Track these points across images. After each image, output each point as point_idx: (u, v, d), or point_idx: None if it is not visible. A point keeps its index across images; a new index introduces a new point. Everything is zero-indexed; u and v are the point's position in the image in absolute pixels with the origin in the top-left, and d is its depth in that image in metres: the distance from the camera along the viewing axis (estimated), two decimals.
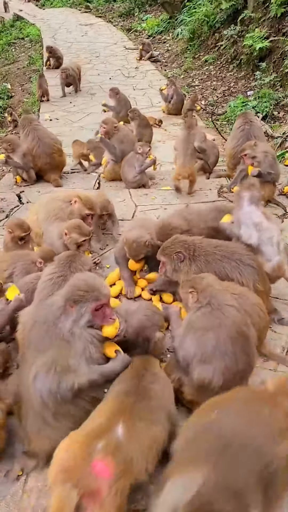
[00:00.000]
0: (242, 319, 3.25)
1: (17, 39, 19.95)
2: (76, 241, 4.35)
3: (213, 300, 3.25)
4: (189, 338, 3.23)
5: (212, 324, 3.17)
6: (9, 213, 6.44)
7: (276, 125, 10.40)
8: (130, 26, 21.29)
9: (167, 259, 4.09)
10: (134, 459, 2.54)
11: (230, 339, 3.11)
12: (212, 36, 15.35)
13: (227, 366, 3.08)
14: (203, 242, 4.20)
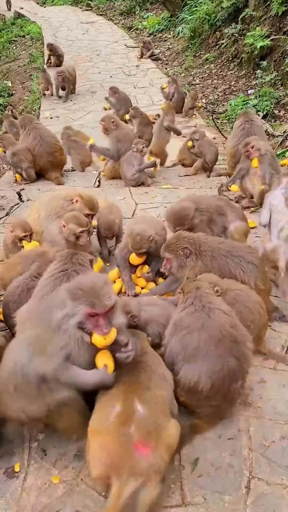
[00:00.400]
0: (229, 321, 3.23)
1: (18, 37, 19.91)
2: (74, 232, 4.37)
3: (197, 302, 3.30)
4: (174, 337, 3.30)
5: (195, 325, 3.21)
6: (9, 210, 6.43)
7: (276, 123, 10.37)
8: (131, 24, 21.26)
9: (173, 256, 4.10)
10: (158, 425, 2.70)
11: (213, 340, 3.12)
12: (213, 34, 15.31)
13: (212, 368, 3.08)
14: (208, 238, 4.23)
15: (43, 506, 2.83)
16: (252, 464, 3.04)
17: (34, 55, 17.09)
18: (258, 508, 2.78)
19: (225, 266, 4.02)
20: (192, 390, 3.14)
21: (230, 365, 3.10)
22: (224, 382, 3.10)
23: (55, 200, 5.20)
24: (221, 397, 3.14)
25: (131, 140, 7.40)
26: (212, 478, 2.96)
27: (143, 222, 4.83)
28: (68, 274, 3.46)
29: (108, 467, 2.56)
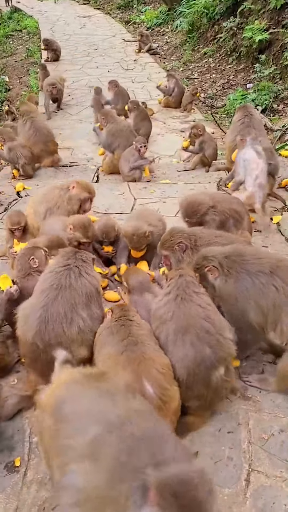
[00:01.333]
0: (200, 313, 3.24)
1: (15, 31, 19.78)
2: (78, 240, 4.36)
3: (174, 291, 3.37)
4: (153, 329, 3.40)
5: (166, 315, 3.30)
6: (8, 206, 6.42)
7: (275, 118, 10.36)
8: (128, 18, 21.14)
9: (169, 252, 4.11)
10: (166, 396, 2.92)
11: (181, 330, 3.17)
12: (211, 28, 15.24)
13: (184, 356, 3.11)
14: (204, 232, 4.23)
15: (43, 500, 2.83)
16: (251, 457, 3.05)
17: (31, 49, 16.99)
18: (257, 501, 2.80)
19: None
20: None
21: (204, 353, 3.10)
22: (200, 369, 3.09)
23: (52, 191, 5.20)
24: (202, 385, 3.12)
25: (126, 136, 7.40)
26: (211, 471, 2.96)
27: (136, 218, 4.84)
28: (70, 269, 3.46)
29: None
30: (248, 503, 2.79)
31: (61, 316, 3.30)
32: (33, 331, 3.28)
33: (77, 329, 3.33)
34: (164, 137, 10.29)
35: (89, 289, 3.46)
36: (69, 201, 5.06)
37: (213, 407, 3.29)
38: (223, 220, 4.68)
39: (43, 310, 3.30)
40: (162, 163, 8.37)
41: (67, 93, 13.13)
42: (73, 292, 3.38)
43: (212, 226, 4.61)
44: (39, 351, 3.29)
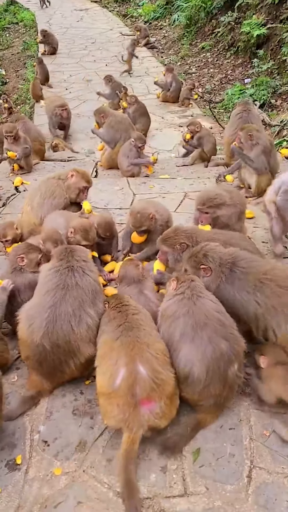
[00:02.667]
0: (214, 307, 3.25)
1: (11, 24, 19.64)
2: (78, 243, 4.33)
3: (187, 291, 3.33)
4: (162, 328, 3.34)
5: (180, 311, 3.25)
6: (6, 201, 6.37)
7: (273, 113, 10.33)
8: (126, 12, 21.04)
9: (169, 249, 4.11)
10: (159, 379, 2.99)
11: (199, 325, 3.13)
12: (209, 22, 15.18)
13: (203, 352, 3.07)
14: (203, 231, 4.24)
15: (45, 498, 2.83)
16: (253, 453, 3.05)
17: (28, 42, 16.85)
18: (259, 497, 2.80)
19: None
20: (189, 380, 3.12)
21: (222, 347, 3.08)
22: (219, 366, 3.07)
23: (49, 181, 5.16)
24: (220, 383, 3.10)
25: (126, 128, 7.37)
26: (213, 467, 2.97)
27: (146, 202, 4.94)
28: (74, 269, 3.43)
29: (119, 422, 2.96)
30: (250, 499, 2.79)
31: (70, 315, 3.28)
32: (41, 332, 3.26)
33: (86, 327, 3.32)
34: (162, 132, 10.26)
35: (93, 286, 3.44)
36: (67, 189, 5.01)
37: (226, 404, 3.28)
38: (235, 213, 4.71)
39: (51, 310, 3.27)
40: (161, 158, 8.33)
41: (64, 87, 13.07)
42: (80, 290, 3.36)
43: (224, 219, 4.65)
44: (46, 352, 3.28)
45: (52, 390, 3.48)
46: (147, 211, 4.62)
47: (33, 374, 3.45)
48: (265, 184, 6.32)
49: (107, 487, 2.88)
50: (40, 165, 7.72)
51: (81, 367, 3.42)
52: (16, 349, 3.85)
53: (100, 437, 3.19)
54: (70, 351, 3.31)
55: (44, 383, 3.41)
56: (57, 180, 5.12)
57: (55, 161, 8.14)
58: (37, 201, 5.05)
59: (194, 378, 3.09)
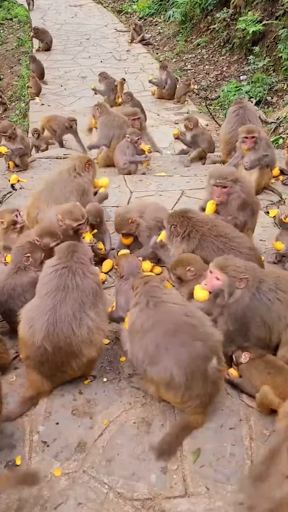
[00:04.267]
0: (179, 310, 3.24)
1: (5, 20, 19.45)
2: (71, 227, 4.28)
3: (142, 299, 3.32)
4: (132, 344, 3.30)
5: (146, 325, 3.21)
6: (2, 199, 6.33)
7: (269, 110, 10.33)
8: (120, 8, 20.93)
9: (167, 227, 4.17)
10: None
11: (170, 333, 3.12)
12: (204, 19, 15.14)
13: (179, 358, 3.06)
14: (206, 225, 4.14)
15: (45, 499, 2.81)
16: (253, 453, 3.05)
17: (22, 39, 16.73)
18: None
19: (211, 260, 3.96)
20: (171, 386, 3.11)
21: (196, 348, 3.08)
22: (197, 365, 3.06)
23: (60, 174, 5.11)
24: (201, 382, 3.09)
25: (120, 125, 7.32)
26: (214, 468, 2.97)
27: (136, 206, 4.94)
28: (74, 271, 3.38)
29: None
30: None
31: (70, 317, 3.25)
32: (42, 334, 3.23)
33: (87, 329, 3.29)
34: (158, 129, 10.24)
35: (94, 288, 3.41)
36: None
37: (212, 401, 3.26)
38: (246, 202, 4.68)
39: (51, 312, 3.24)
40: (157, 156, 8.30)
41: (59, 84, 12.99)
42: (80, 292, 3.32)
43: (237, 202, 4.63)
44: (47, 354, 3.25)
45: (52, 391, 3.46)
46: (128, 215, 4.67)
47: (32, 374, 3.42)
48: (266, 180, 6.35)
49: (107, 488, 2.87)
50: (36, 162, 7.66)
51: (83, 367, 3.41)
52: (14, 349, 3.84)
53: (100, 437, 3.18)
54: (72, 352, 3.29)
55: (43, 383, 3.39)
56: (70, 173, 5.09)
57: (50, 158, 8.08)
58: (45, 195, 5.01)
59: (175, 383, 3.08)
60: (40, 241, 4.09)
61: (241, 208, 4.66)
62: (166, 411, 3.33)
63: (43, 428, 3.23)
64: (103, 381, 3.58)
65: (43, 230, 4.20)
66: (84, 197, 5.02)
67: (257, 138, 6.03)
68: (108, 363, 3.76)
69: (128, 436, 3.17)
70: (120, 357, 3.81)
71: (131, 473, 2.95)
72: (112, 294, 4.29)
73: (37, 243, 4.07)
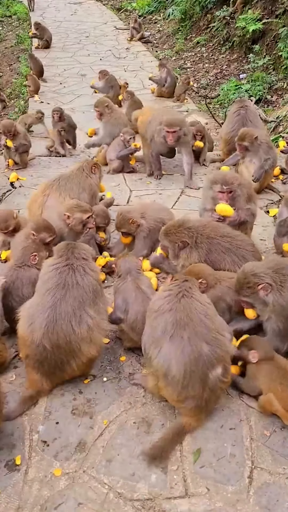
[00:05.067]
0: (200, 309, 3.17)
1: (4, 17, 19.39)
2: (81, 220, 4.36)
3: (175, 288, 3.24)
4: (147, 323, 3.29)
5: (164, 307, 3.16)
6: (1, 197, 6.30)
7: (269, 109, 10.30)
8: (120, 6, 20.88)
9: (170, 245, 4.08)
10: None
11: (180, 323, 3.07)
12: (204, 17, 15.10)
13: (181, 352, 3.02)
14: (207, 228, 4.16)
15: (45, 499, 2.80)
16: (254, 454, 3.05)
17: (21, 36, 16.66)
18: (261, 498, 2.80)
19: (221, 261, 4.00)
20: (167, 378, 3.07)
21: (202, 350, 3.04)
22: (198, 367, 3.03)
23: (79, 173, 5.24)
24: (199, 384, 3.06)
25: (124, 123, 7.31)
26: (214, 468, 2.96)
27: (141, 206, 4.97)
28: (75, 268, 3.37)
29: None
30: (252, 500, 2.79)
31: (70, 314, 3.24)
32: (41, 332, 3.22)
33: (87, 327, 3.28)
34: None
35: (95, 286, 3.40)
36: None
37: (209, 408, 3.23)
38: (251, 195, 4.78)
39: (51, 309, 3.23)
40: None
41: (58, 81, 12.94)
42: (80, 290, 3.31)
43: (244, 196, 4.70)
44: (47, 352, 3.24)
45: (51, 390, 3.46)
46: (129, 215, 4.70)
47: (32, 373, 3.41)
48: (268, 180, 6.35)
49: (107, 488, 2.86)
50: (35, 160, 7.65)
51: (82, 366, 3.41)
52: (14, 347, 3.83)
53: (100, 437, 3.17)
54: (71, 351, 3.28)
55: (43, 382, 3.38)
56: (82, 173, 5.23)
57: (50, 157, 8.06)
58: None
59: (171, 376, 3.05)
60: (36, 236, 4.11)
61: (248, 200, 4.72)
62: (166, 411, 3.33)
63: (43, 427, 3.22)
64: (103, 381, 3.58)
65: (39, 225, 4.25)
66: (93, 199, 5.19)
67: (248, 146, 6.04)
68: (108, 362, 3.75)
69: (128, 436, 3.16)
70: (120, 357, 3.81)
71: (131, 473, 2.94)
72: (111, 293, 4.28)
73: (33, 238, 4.09)
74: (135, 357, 3.81)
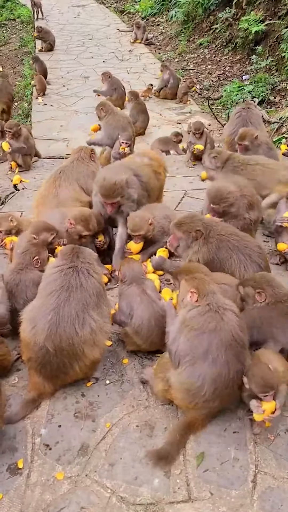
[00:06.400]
0: (238, 324, 3.13)
1: (8, 20, 19.46)
2: (79, 233, 4.30)
3: (213, 303, 3.14)
4: (183, 336, 3.11)
5: (207, 326, 3.06)
6: (5, 199, 6.30)
7: (272, 110, 10.27)
8: (123, 8, 20.92)
9: (184, 235, 4.04)
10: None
11: (224, 345, 3.02)
12: (206, 18, 15.11)
13: (219, 373, 3.00)
14: (218, 225, 4.17)
15: (47, 503, 2.78)
16: (258, 458, 3.02)
17: (25, 39, 16.73)
18: (265, 503, 2.77)
19: (228, 259, 3.98)
20: (192, 393, 3.05)
21: (236, 370, 3.05)
22: (228, 387, 3.04)
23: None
24: (221, 400, 3.08)
25: (123, 126, 7.30)
26: (218, 472, 2.94)
27: (146, 207, 4.87)
28: (79, 270, 3.36)
29: None
30: (255, 505, 2.76)
31: (73, 317, 3.22)
32: (44, 334, 3.21)
33: (90, 330, 3.26)
34: (160, 128, 10.19)
35: (98, 289, 3.39)
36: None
37: (216, 415, 3.25)
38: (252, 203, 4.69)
39: (54, 312, 3.22)
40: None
41: (61, 84, 12.95)
42: (84, 292, 3.29)
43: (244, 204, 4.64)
44: (49, 355, 3.22)
45: (54, 393, 3.44)
46: (146, 216, 4.63)
47: (34, 376, 3.39)
48: None
49: (110, 492, 2.84)
50: (38, 163, 7.63)
51: (85, 369, 3.39)
52: (16, 350, 3.81)
53: (102, 440, 3.15)
54: (74, 354, 3.26)
55: (46, 385, 3.36)
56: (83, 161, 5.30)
57: (53, 159, 8.06)
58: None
59: (201, 393, 3.03)
60: (37, 238, 4.11)
61: (249, 208, 4.65)
62: (169, 414, 3.31)
63: (45, 431, 3.20)
64: (105, 384, 3.56)
65: (38, 226, 4.25)
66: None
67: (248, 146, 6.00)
68: (110, 365, 3.73)
69: (131, 440, 3.14)
70: (123, 359, 3.78)
71: (134, 477, 2.92)
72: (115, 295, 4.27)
73: (34, 241, 4.08)
74: (137, 359, 3.78)
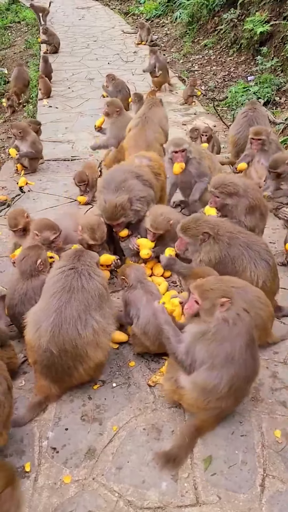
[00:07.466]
0: (252, 323, 3.14)
1: (13, 23, 19.51)
2: (86, 242, 4.31)
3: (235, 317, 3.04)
4: (199, 346, 3.04)
5: (230, 335, 3.00)
6: (11, 202, 6.31)
7: (278, 111, 10.23)
8: (127, 10, 20.92)
9: (192, 240, 4.02)
10: None
11: (245, 347, 3.02)
12: (211, 19, 15.06)
13: (236, 373, 3.00)
14: (225, 223, 4.16)
15: (55, 507, 2.78)
16: (266, 461, 3.00)
17: (30, 41, 16.76)
18: (273, 507, 2.75)
19: (239, 256, 3.96)
20: (208, 391, 3.03)
21: (250, 368, 3.07)
22: (242, 384, 3.06)
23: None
24: (234, 398, 3.08)
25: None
26: (225, 476, 2.92)
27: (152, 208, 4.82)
28: (80, 272, 3.36)
29: None
30: (264, 509, 2.74)
31: (75, 318, 3.23)
32: (47, 336, 3.22)
33: (92, 331, 3.26)
34: None
35: (100, 290, 3.38)
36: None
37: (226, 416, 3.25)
38: (253, 206, 4.65)
39: (56, 313, 3.22)
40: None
41: (66, 86, 12.97)
42: (86, 294, 3.30)
43: (244, 206, 4.60)
44: (53, 357, 3.23)
45: (61, 395, 3.45)
46: (168, 216, 4.60)
47: (41, 379, 3.40)
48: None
49: (117, 496, 2.83)
50: (44, 165, 7.65)
51: (90, 371, 3.39)
52: (23, 353, 3.82)
53: (109, 443, 3.15)
54: (78, 355, 3.26)
55: (52, 388, 3.37)
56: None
57: (58, 161, 8.07)
58: None
59: (217, 391, 3.01)
60: (39, 236, 4.11)
61: (248, 212, 4.62)
62: (176, 417, 3.30)
63: (52, 434, 3.21)
64: (112, 386, 3.56)
65: (41, 224, 4.24)
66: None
67: (265, 140, 5.99)
68: (117, 368, 3.73)
69: (138, 443, 3.14)
70: (129, 362, 3.78)
71: (141, 481, 2.91)
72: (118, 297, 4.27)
73: (36, 238, 4.08)
74: (144, 362, 3.78)
